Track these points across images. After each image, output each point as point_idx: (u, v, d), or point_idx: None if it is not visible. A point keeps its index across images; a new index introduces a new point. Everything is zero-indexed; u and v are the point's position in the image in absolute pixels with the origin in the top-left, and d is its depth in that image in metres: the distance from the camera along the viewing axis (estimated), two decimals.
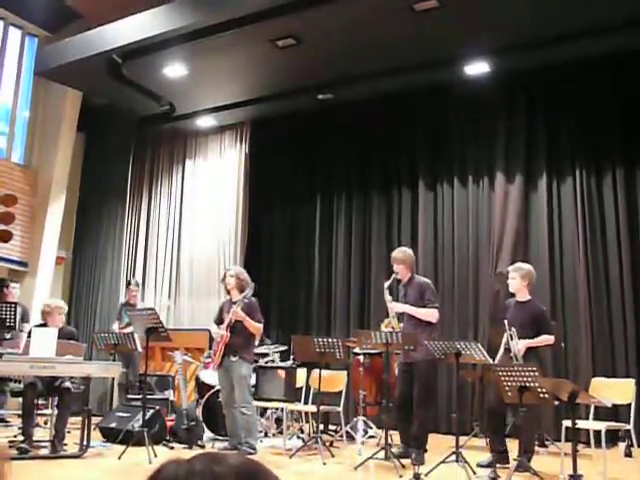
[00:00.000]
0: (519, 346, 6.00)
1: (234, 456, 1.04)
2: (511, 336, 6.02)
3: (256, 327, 6.68)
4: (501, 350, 6.30)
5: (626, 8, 7.18)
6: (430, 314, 6.58)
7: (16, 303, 7.38)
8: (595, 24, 7.54)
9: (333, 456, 6.73)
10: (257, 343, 8.07)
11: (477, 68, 8.65)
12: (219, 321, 6.82)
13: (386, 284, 6.80)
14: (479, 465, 6.00)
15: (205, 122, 11.00)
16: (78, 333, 11.24)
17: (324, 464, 6.31)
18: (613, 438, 7.13)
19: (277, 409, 8.13)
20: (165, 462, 1.03)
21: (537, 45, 8.02)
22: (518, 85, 9.02)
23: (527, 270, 6.40)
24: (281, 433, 7.78)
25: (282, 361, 8.39)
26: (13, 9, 10.95)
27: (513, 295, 6.48)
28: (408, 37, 8.12)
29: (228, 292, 6.92)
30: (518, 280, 6.34)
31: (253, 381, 7.41)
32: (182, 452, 6.53)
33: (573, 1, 7.24)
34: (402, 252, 6.90)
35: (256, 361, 7.66)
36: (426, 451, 6.51)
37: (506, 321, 6.11)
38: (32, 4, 10.34)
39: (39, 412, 7.92)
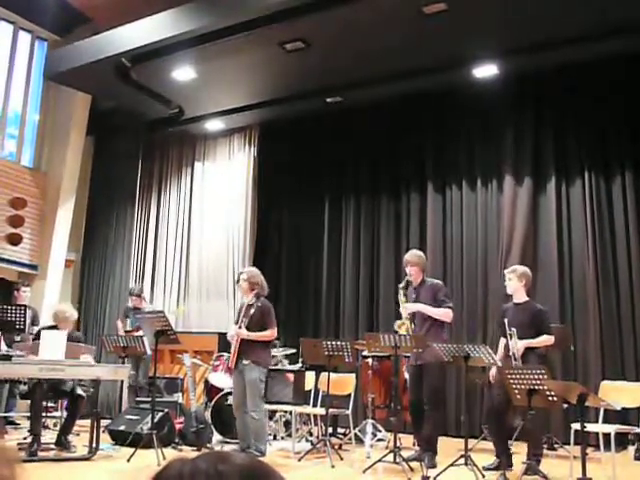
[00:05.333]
0: (518, 346, 6.00)
1: (239, 456, 1.04)
2: (510, 336, 6.02)
3: (266, 336, 6.59)
4: (500, 352, 6.30)
5: (635, 10, 7.15)
6: (444, 313, 6.59)
7: (26, 306, 7.42)
8: (603, 26, 7.52)
9: (342, 459, 6.73)
10: None
11: (486, 71, 8.64)
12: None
13: (400, 285, 6.83)
14: (485, 468, 5.98)
15: (214, 125, 11.02)
16: (87, 335, 11.34)
17: (333, 467, 6.31)
18: (622, 441, 7.10)
19: (286, 412, 8.13)
20: (171, 460, 1.04)
21: (546, 47, 8.00)
22: (527, 88, 9.00)
23: (523, 271, 6.41)
24: (290, 436, 7.78)
25: (291, 364, 8.40)
26: (23, 13, 11.00)
27: (510, 298, 6.50)
28: (417, 40, 8.12)
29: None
30: (515, 281, 6.34)
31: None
32: (191, 455, 6.54)
33: (581, 3, 7.23)
34: (415, 255, 6.92)
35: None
36: (436, 453, 6.52)
37: (506, 320, 6.11)
38: (41, 8, 10.38)
39: (48, 415, 7.96)
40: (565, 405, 6.10)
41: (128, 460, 6.19)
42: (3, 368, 6.10)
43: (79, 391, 6.81)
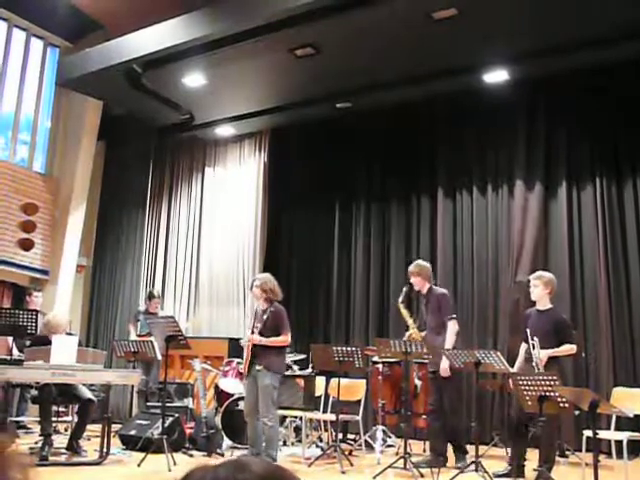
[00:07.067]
0: (541, 356, 5.93)
1: (259, 463, 1.04)
2: (533, 346, 5.94)
3: (280, 342, 6.48)
4: (520, 358, 6.25)
5: None
6: (451, 331, 6.72)
7: (37, 311, 7.44)
8: (615, 30, 7.49)
9: (352, 465, 6.71)
10: None
11: (496, 76, 8.61)
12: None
13: (400, 299, 7.12)
14: (496, 475, 5.95)
15: (224, 131, 11.04)
16: (97, 340, 11.39)
17: (343, 473, 6.29)
18: (635, 449, 7.04)
19: (296, 418, 8.12)
20: (193, 469, 1.04)
21: (557, 52, 7.97)
22: (537, 93, 8.97)
23: (549, 278, 6.35)
24: (300, 442, 7.77)
25: (301, 369, 8.39)
26: (35, 20, 11.09)
27: (533, 304, 6.43)
28: (426, 46, 8.12)
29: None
30: (541, 288, 6.27)
31: None
32: (201, 460, 6.54)
33: (592, 7, 7.20)
34: (417, 265, 7.10)
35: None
36: (446, 459, 6.53)
37: (528, 330, 6.04)
38: (53, 15, 10.44)
39: (59, 419, 7.98)
40: (577, 412, 6.06)
41: (139, 465, 6.20)
42: (16, 373, 6.13)
43: (89, 395, 6.83)
